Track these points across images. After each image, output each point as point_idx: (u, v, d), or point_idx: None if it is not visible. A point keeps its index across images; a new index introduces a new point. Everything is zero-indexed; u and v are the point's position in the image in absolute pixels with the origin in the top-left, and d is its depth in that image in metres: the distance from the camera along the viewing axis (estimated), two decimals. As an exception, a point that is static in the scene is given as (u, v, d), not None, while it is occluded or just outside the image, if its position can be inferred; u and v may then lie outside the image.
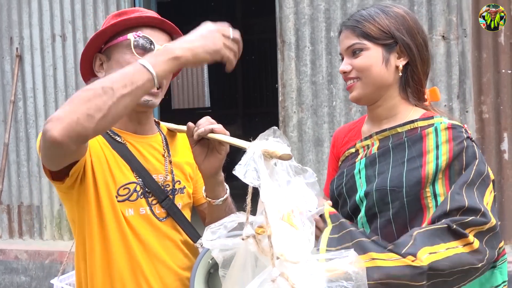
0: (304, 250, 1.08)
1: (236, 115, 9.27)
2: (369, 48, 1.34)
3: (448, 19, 3.90)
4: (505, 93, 3.82)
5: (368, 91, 1.36)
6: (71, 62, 4.74)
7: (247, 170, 1.10)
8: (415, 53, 1.34)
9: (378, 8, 1.37)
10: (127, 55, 1.33)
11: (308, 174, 1.22)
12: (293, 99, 4.20)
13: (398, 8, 1.38)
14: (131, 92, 1.07)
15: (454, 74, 3.90)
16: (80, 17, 4.71)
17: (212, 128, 1.29)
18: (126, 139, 1.41)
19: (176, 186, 1.45)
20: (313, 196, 1.19)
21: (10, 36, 4.92)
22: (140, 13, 1.40)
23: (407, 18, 1.36)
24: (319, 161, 4.14)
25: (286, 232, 1.08)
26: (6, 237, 4.97)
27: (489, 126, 3.85)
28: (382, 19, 1.34)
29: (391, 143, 1.35)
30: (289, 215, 1.09)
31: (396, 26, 1.34)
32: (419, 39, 1.35)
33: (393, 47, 1.34)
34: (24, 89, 4.90)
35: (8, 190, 4.94)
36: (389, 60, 1.34)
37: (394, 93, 1.37)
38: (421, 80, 1.37)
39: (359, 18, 1.36)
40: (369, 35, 1.33)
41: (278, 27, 4.23)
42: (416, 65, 1.35)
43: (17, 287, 4.64)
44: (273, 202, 1.08)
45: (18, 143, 4.93)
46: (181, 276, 1.41)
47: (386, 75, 1.34)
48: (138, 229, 1.37)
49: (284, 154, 1.12)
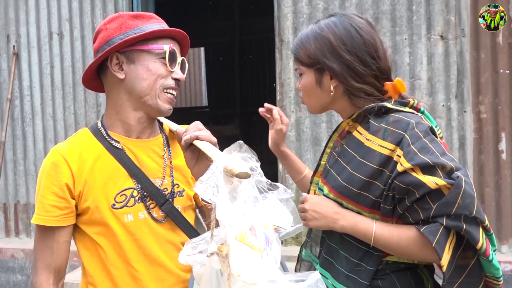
0: (263, 271, 1.06)
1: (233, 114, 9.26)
2: (304, 72, 1.45)
3: (447, 19, 3.90)
4: (503, 93, 3.83)
5: (315, 109, 1.49)
6: (68, 60, 4.72)
7: (207, 187, 1.10)
8: (344, 73, 1.38)
9: (311, 31, 1.44)
10: (157, 64, 1.39)
11: (281, 190, 1.20)
12: (291, 98, 4.19)
13: (328, 26, 1.41)
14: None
15: (452, 74, 3.90)
16: (78, 15, 4.69)
17: (198, 135, 1.29)
18: (125, 144, 1.42)
19: (175, 189, 1.45)
20: (288, 213, 1.18)
21: (7, 33, 4.90)
22: (161, 22, 1.44)
23: (331, 39, 1.39)
24: (317, 160, 4.13)
25: (243, 251, 1.06)
26: (3, 235, 4.95)
27: (487, 126, 3.85)
28: (309, 44, 1.42)
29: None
30: (243, 235, 1.07)
31: (320, 50, 1.40)
32: (345, 57, 1.37)
33: (323, 71, 1.41)
34: (21, 87, 4.88)
35: (5, 188, 4.92)
36: (322, 82, 1.42)
37: (345, 104, 1.43)
38: (366, 91, 1.39)
39: (296, 43, 1.47)
40: (302, 61, 1.44)
41: (276, 26, 4.23)
42: (350, 83, 1.38)
43: (14, 286, 4.62)
44: (229, 220, 1.07)
45: (15, 142, 4.91)
46: (183, 279, 1.42)
47: (323, 96, 1.43)
48: (137, 235, 1.38)
49: (241, 173, 1.11)
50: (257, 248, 1.07)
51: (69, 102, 4.75)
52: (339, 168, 1.37)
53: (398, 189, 1.26)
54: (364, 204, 1.32)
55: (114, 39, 1.38)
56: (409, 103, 1.38)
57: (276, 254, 1.11)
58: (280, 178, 4.23)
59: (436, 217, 1.23)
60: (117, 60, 1.39)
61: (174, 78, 1.41)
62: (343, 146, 1.40)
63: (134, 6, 4.61)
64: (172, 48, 1.39)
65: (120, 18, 1.41)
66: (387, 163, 1.28)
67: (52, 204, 1.36)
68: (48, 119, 4.82)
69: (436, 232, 1.22)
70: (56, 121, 4.80)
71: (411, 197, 1.25)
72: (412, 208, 1.27)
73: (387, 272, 1.33)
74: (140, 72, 1.38)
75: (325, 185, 1.41)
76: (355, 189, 1.32)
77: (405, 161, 1.25)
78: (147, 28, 1.38)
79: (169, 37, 1.41)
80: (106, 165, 1.39)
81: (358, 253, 1.34)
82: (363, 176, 1.31)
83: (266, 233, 1.12)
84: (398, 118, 1.32)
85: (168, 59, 1.38)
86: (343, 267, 1.36)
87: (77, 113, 4.74)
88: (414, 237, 1.27)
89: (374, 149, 1.31)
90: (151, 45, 1.38)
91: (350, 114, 1.43)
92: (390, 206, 1.29)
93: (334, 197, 1.36)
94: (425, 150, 1.26)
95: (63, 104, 4.77)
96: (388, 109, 1.35)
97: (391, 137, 1.30)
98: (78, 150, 1.40)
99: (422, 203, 1.25)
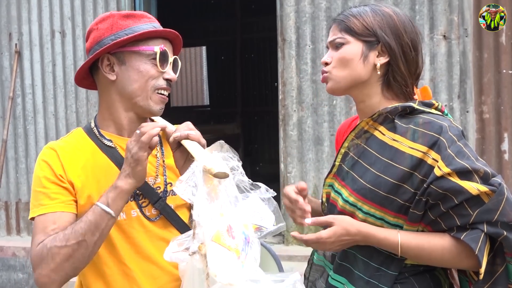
0: (239, 272, 1.06)
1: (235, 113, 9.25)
2: (349, 42, 1.35)
3: (450, 19, 3.89)
4: (505, 94, 3.82)
5: (342, 83, 1.37)
6: (70, 59, 4.72)
7: (187, 186, 1.09)
8: (397, 53, 1.33)
9: (368, 7, 1.38)
10: (147, 65, 1.38)
11: (262, 189, 1.20)
12: (293, 98, 4.19)
13: (389, 8, 1.39)
14: (100, 236, 1.25)
15: (455, 74, 3.89)
16: (80, 14, 4.69)
17: (188, 134, 1.28)
18: (117, 143, 1.42)
19: (167, 188, 1.45)
20: (269, 213, 1.18)
21: (9, 32, 4.90)
22: (153, 22, 1.42)
23: (394, 18, 1.35)
24: (319, 160, 4.13)
25: (219, 252, 1.06)
26: (4, 234, 4.96)
27: (490, 126, 3.84)
28: (368, 17, 1.35)
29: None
30: (218, 235, 1.07)
31: (380, 24, 1.34)
32: (405, 39, 1.34)
33: (374, 45, 1.34)
34: (23, 85, 4.88)
35: (6, 186, 4.92)
36: (367, 57, 1.34)
37: (375, 91, 1.36)
38: (405, 81, 1.35)
39: (347, 13, 1.39)
40: (352, 30, 1.35)
41: (279, 25, 4.22)
42: (398, 65, 1.33)
43: (15, 284, 4.62)
44: (205, 221, 1.07)
45: (17, 140, 4.91)
46: (176, 276, 1.40)
47: (361, 71, 1.34)
48: (130, 232, 1.38)
49: (219, 172, 1.10)
50: (233, 249, 1.07)
51: (71, 101, 4.75)
52: (360, 169, 1.32)
53: (434, 194, 1.21)
54: (390, 208, 1.27)
55: (105, 40, 1.37)
56: (433, 104, 1.35)
57: (256, 253, 1.11)
58: (282, 177, 4.23)
59: (475, 224, 1.20)
60: (108, 61, 1.39)
61: (165, 79, 1.40)
62: (363, 147, 1.34)
63: (137, 5, 4.60)
64: (163, 48, 1.38)
65: (111, 18, 1.40)
66: (419, 166, 1.24)
67: (55, 192, 1.34)
68: (50, 117, 4.82)
69: (478, 239, 1.19)
70: (58, 119, 4.80)
71: (448, 203, 1.21)
72: (447, 214, 1.23)
73: (406, 276, 1.30)
74: (131, 73, 1.37)
75: (343, 188, 1.35)
76: (382, 192, 1.26)
77: (444, 165, 1.21)
78: (138, 28, 1.37)
79: (160, 37, 1.40)
80: (99, 163, 1.39)
81: (379, 257, 1.30)
82: (392, 178, 1.26)
83: (246, 233, 1.12)
84: (429, 120, 1.28)
85: (159, 60, 1.37)
86: (361, 272, 1.31)
87: (78, 112, 4.74)
88: (450, 244, 1.24)
89: (403, 150, 1.26)
90: (142, 46, 1.37)
91: (373, 107, 1.37)
92: (420, 212, 1.25)
93: (355, 201, 1.31)
94: (461, 155, 1.22)
95: (65, 103, 4.77)
96: (412, 110, 1.31)
97: (422, 139, 1.25)
98: (71, 149, 1.40)
99: (459, 209, 1.21)
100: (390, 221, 1.28)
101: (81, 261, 1.25)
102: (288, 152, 4.19)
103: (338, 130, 1.61)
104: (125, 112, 1.41)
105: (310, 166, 4.14)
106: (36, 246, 1.27)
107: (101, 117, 1.45)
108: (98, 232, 1.24)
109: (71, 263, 1.23)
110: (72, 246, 1.23)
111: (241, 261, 1.07)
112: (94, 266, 1.38)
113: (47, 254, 1.24)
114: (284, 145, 4.21)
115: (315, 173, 4.13)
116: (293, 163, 4.17)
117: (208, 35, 9.54)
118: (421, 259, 1.28)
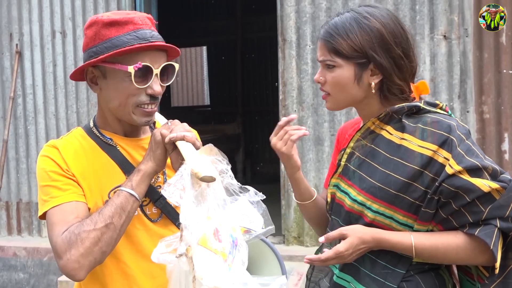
0: (225, 275, 1.06)
1: (235, 113, 9.25)
2: (341, 65, 1.31)
3: (450, 19, 3.89)
4: (506, 94, 3.82)
5: (341, 105, 1.40)
6: (71, 59, 4.73)
7: (175, 189, 1.10)
8: (390, 69, 1.30)
9: (355, 21, 1.31)
10: (125, 83, 1.31)
11: (251, 192, 1.20)
12: (293, 98, 4.19)
13: (376, 18, 1.31)
14: (126, 218, 1.27)
15: (455, 74, 3.89)
16: (81, 14, 4.69)
17: (184, 135, 1.26)
18: (117, 142, 1.42)
19: None
20: (258, 215, 1.18)
21: (10, 32, 4.91)
22: (139, 28, 1.33)
23: (382, 32, 1.29)
24: (319, 160, 4.14)
25: (205, 255, 1.06)
26: (5, 234, 4.96)
27: (490, 127, 3.85)
28: (356, 36, 1.29)
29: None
30: (204, 239, 1.07)
31: (369, 44, 1.29)
32: (396, 52, 1.30)
33: (366, 65, 1.30)
34: (24, 86, 4.88)
35: (7, 186, 4.92)
36: (361, 78, 1.32)
37: (374, 101, 1.36)
38: (401, 90, 1.34)
39: (332, 30, 1.32)
40: (341, 53, 1.30)
41: (279, 25, 4.22)
42: (392, 80, 1.31)
43: (16, 284, 4.63)
44: (192, 225, 1.07)
45: (17, 140, 4.91)
46: None
47: (358, 93, 1.34)
48: (130, 231, 1.37)
49: (205, 176, 1.10)
50: (220, 252, 1.07)
51: (71, 101, 4.76)
52: (368, 168, 1.31)
53: (446, 192, 1.22)
54: (400, 207, 1.27)
55: (89, 50, 1.34)
56: (438, 105, 1.35)
57: (244, 256, 1.11)
58: (283, 177, 4.23)
59: (488, 220, 1.21)
60: (92, 73, 1.36)
61: (148, 94, 1.33)
62: (370, 146, 1.34)
63: (137, 5, 4.60)
64: (140, 66, 1.29)
65: (95, 25, 1.34)
66: (429, 164, 1.24)
67: (65, 183, 1.33)
68: (50, 118, 4.82)
69: (492, 234, 1.20)
70: (59, 119, 4.80)
71: (460, 201, 1.22)
72: (459, 212, 1.23)
73: (412, 274, 1.30)
74: (111, 90, 1.34)
75: (350, 187, 1.34)
76: (392, 190, 1.26)
77: (455, 163, 1.22)
78: (117, 41, 1.30)
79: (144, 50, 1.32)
80: (99, 161, 1.39)
81: (386, 255, 1.30)
82: (402, 177, 1.26)
83: (233, 236, 1.12)
84: (437, 119, 1.28)
85: (136, 79, 1.30)
86: (368, 270, 1.31)
87: (79, 112, 4.75)
88: (464, 241, 1.24)
89: (412, 149, 1.26)
90: (118, 65, 1.30)
91: (374, 113, 1.36)
92: (432, 211, 1.25)
93: (363, 199, 1.30)
94: (471, 153, 1.24)
95: (65, 103, 4.78)
96: (419, 109, 1.31)
97: (431, 137, 1.26)
98: (72, 147, 1.40)
99: (471, 206, 1.22)
100: (399, 220, 1.28)
101: (109, 244, 1.25)
102: (288, 152, 4.19)
103: (340, 132, 1.60)
104: (117, 119, 1.41)
105: (311, 166, 4.14)
106: (60, 235, 1.24)
107: (98, 117, 1.45)
108: (125, 215, 1.25)
109: (99, 247, 1.23)
110: (101, 229, 1.22)
111: (228, 264, 1.08)
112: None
113: (76, 239, 1.21)
114: (284, 145, 4.21)
115: (315, 173, 4.14)
116: (293, 163, 4.18)
117: (208, 35, 9.54)
118: (435, 259, 1.28)
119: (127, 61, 1.30)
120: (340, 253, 1.26)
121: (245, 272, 1.12)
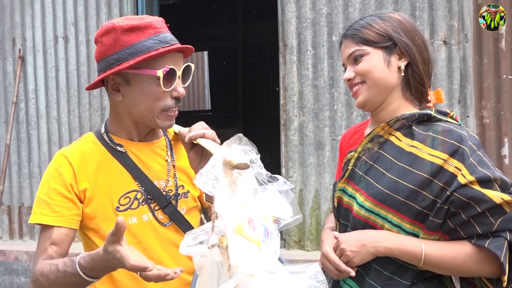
0: (260, 263, 1.06)
1: (236, 118, 9.28)
2: (369, 52, 1.36)
3: (450, 24, 3.91)
4: (506, 99, 3.83)
5: (373, 94, 1.37)
6: (73, 64, 4.75)
7: (207, 179, 1.10)
8: (415, 53, 1.36)
9: (374, 16, 1.41)
10: (152, 87, 1.32)
11: (280, 182, 1.21)
12: (294, 103, 4.21)
13: (394, 13, 1.42)
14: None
15: (455, 79, 3.91)
16: (83, 19, 4.72)
17: (204, 133, 1.29)
18: (128, 147, 1.43)
19: (179, 190, 1.45)
20: (287, 205, 1.19)
21: (12, 37, 4.94)
22: (159, 32, 1.34)
23: (403, 21, 1.38)
24: (320, 164, 4.15)
25: (240, 243, 1.06)
26: (7, 238, 4.97)
27: (490, 131, 3.86)
28: (379, 24, 1.37)
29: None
30: (240, 227, 1.07)
31: (393, 28, 1.36)
32: (417, 40, 1.37)
33: (393, 49, 1.36)
34: (26, 91, 4.91)
35: (9, 191, 4.94)
36: (390, 62, 1.36)
37: (396, 94, 1.38)
38: (423, 80, 1.37)
39: (357, 26, 1.39)
40: (368, 40, 1.36)
41: (280, 30, 4.25)
42: (417, 64, 1.36)
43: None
44: (227, 213, 1.07)
45: (20, 144, 4.93)
46: (187, 281, 1.42)
47: (389, 76, 1.36)
48: (141, 237, 1.39)
49: (240, 163, 1.11)
50: (254, 240, 1.08)
51: (73, 106, 4.78)
52: (376, 174, 1.32)
53: (457, 202, 1.22)
54: (407, 215, 1.27)
55: (109, 58, 1.32)
56: (448, 114, 1.36)
57: (276, 246, 1.12)
58: (283, 182, 4.23)
59: (498, 232, 1.22)
60: (113, 81, 1.35)
61: (173, 97, 1.35)
62: (377, 151, 1.35)
63: (139, 11, 4.64)
64: (167, 69, 1.30)
65: (113, 32, 1.32)
66: (439, 173, 1.24)
67: (59, 205, 1.37)
68: (52, 122, 4.84)
69: (502, 247, 1.21)
70: (61, 124, 4.82)
71: (470, 212, 1.22)
72: (468, 223, 1.23)
73: (415, 282, 1.29)
74: (136, 95, 1.33)
75: (357, 192, 1.35)
76: (400, 197, 1.26)
77: (468, 173, 1.22)
78: (141, 46, 1.30)
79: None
80: (110, 168, 1.41)
81: (392, 266, 1.29)
82: (411, 184, 1.25)
83: (265, 225, 1.12)
84: (448, 128, 1.29)
85: (163, 81, 1.31)
86: (373, 281, 1.30)
87: (81, 117, 4.77)
88: (472, 252, 1.24)
89: (422, 157, 1.26)
90: (145, 70, 1.30)
91: (390, 113, 1.37)
92: (440, 220, 1.24)
93: (371, 206, 1.30)
94: (482, 164, 1.24)
95: (67, 108, 4.80)
96: (429, 117, 1.32)
97: (442, 146, 1.26)
98: (82, 153, 1.42)
99: (480, 217, 1.22)
100: (406, 228, 1.28)
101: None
102: (289, 156, 4.21)
103: (343, 137, 1.61)
104: (134, 124, 1.42)
105: (311, 171, 4.15)
106: (36, 264, 1.34)
107: (111, 123, 1.46)
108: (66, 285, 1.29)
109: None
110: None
111: (262, 252, 1.08)
112: None
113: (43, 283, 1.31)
114: (285, 149, 4.23)
115: (316, 177, 4.15)
116: (294, 168, 4.19)
117: (209, 40, 9.58)
118: (442, 267, 1.27)
119: (153, 65, 1.30)
120: (336, 242, 1.31)
121: (277, 261, 1.12)
